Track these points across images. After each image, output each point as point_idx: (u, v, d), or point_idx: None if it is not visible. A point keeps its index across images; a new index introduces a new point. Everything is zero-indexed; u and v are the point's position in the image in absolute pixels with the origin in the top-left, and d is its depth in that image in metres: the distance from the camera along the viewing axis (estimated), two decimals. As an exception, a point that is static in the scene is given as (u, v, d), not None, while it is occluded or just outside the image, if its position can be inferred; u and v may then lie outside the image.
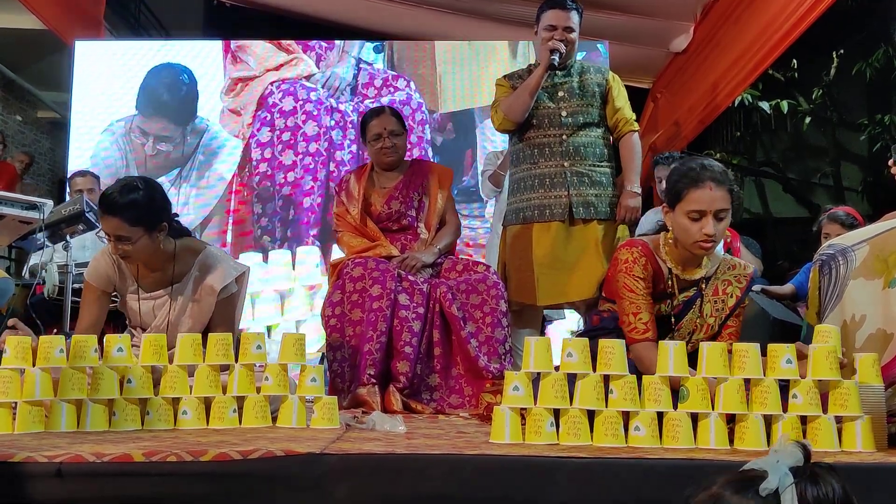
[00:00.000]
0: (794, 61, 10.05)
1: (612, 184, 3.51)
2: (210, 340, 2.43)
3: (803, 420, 2.10)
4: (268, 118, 6.41)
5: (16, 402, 2.26)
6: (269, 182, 6.27)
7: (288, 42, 6.65)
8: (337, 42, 6.71)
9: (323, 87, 6.56)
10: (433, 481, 1.79)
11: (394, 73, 6.66)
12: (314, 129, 6.39)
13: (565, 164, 3.44)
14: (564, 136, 3.46)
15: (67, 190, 5.50)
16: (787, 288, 4.18)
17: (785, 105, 9.90)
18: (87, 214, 3.76)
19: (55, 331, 3.32)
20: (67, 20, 6.58)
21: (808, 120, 10.52)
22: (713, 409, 2.11)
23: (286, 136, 6.37)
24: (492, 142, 6.53)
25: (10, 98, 10.36)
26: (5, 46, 9.35)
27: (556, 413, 2.13)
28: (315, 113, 6.39)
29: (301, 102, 6.41)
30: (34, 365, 2.27)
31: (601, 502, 1.77)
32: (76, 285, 3.64)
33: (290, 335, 2.46)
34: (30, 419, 2.24)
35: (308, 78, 6.50)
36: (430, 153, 6.50)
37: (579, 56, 3.88)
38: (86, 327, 2.78)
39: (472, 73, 6.67)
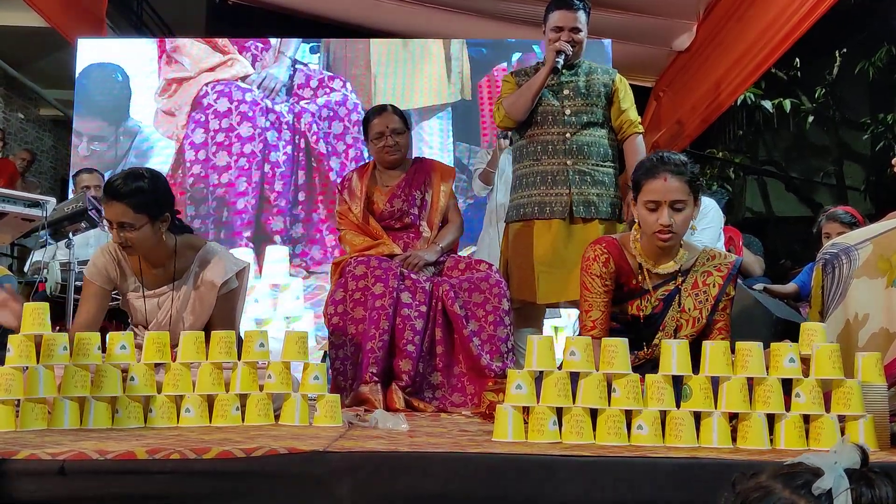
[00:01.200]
0: (797, 60, 10.04)
1: (614, 184, 3.51)
2: (213, 338, 2.43)
3: (806, 419, 2.10)
4: (202, 119, 6.38)
5: (19, 400, 2.26)
6: (202, 184, 6.24)
7: (223, 42, 6.61)
8: (273, 42, 6.68)
9: (258, 88, 6.54)
10: (436, 479, 1.79)
11: (329, 73, 6.65)
12: (249, 131, 6.36)
13: (568, 162, 3.44)
14: (568, 135, 3.46)
15: (71, 187, 5.50)
16: (790, 287, 4.19)
17: (787, 104, 9.89)
18: (90, 212, 3.76)
19: (58, 329, 3.32)
20: (70, 18, 6.58)
21: (810, 119, 10.51)
22: (716, 408, 2.11)
23: (220, 137, 6.34)
24: (427, 143, 6.54)
25: (13, 95, 10.37)
26: (8, 44, 9.36)
27: (559, 411, 2.13)
28: (250, 114, 6.36)
29: (236, 103, 6.38)
30: (38, 362, 2.28)
31: (604, 501, 1.77)
32: (79, 283, 3.64)
33: (293, 333, 2.46)
34: (33, 416, 2.25)
35: (243, 79, 6.47)
36: (365, 154, 6.46)
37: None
38: (82, 324, 2.75)
39: (407, 73, 6.66)
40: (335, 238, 5.98)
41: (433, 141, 6.55)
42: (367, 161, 3.78)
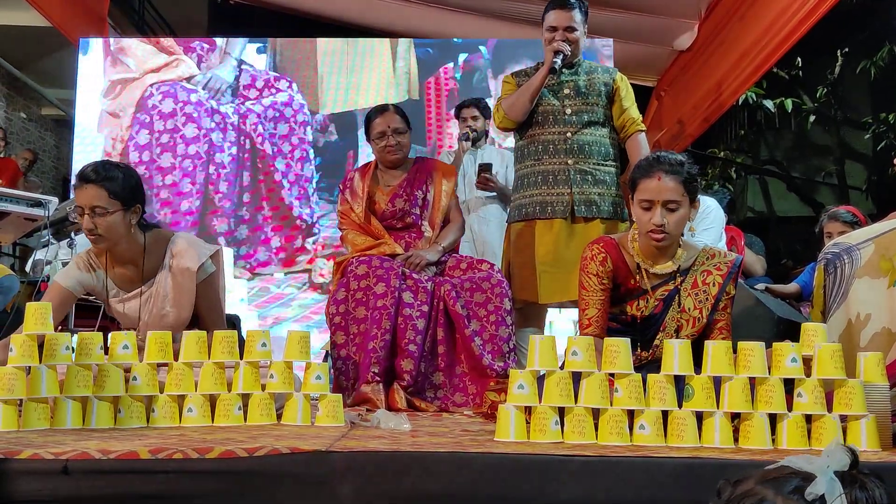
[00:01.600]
0: (799, 60, 10.04)
1: (615, 183, 3.51)
2: (215, 338, 2.44)
3: (808, 419, 2.10)
4: (146, 120, 6.37)
5: (21, 399, 2.26)
6: (146, 185, 6.23)
7: (169, 43, 6.62)
8: (218, 43, 6.68)
9: (204, 89, 6.53)
10: (438, 479, 1.79)
11: (276, 74, 6.65)
12: (193, 132, 6.36)
13: (569, 161, 3.44)
14: (569, 134, 3.46)
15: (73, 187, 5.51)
16: (792, 287, 4.19)
17: (789, 103, 9.89)
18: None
19: (60, 329, 3.33)
20: (72, 17, 6.60)
21: (812, 118, 10.50)
22: (718, 408, 2.11)
23: (165, 138, 6.33)
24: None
25: (15, 95, 10.38)
26: (10, 43, 9.37)
27: (561, 411, 2.14)
28: (195, 115, 6.35)
29: (181, 104, 6.37)
30: (40, 362, 2.28)
31: (606, 501, 1.77)
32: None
33: (296, 332, 2.46)
34: (35, 416, 2.25)
35: (189, 79, 6.46)
36: (311, 154, 6.48)
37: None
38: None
39: (354, 74, 6.66)
40: (280, 238, 6.00)
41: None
42: (369, 162, 3.78)
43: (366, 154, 6.45)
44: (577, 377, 2.16)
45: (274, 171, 6.37)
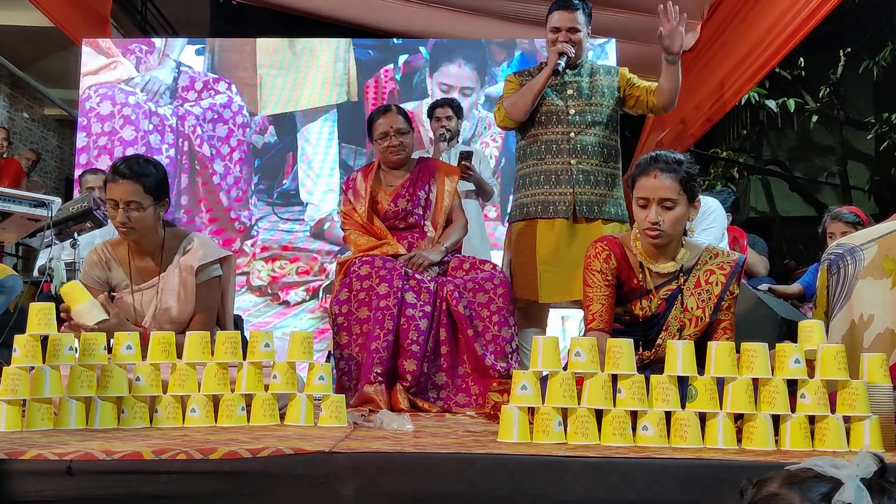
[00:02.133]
0: (802, 59, 10.03)
1: (617, 184, 3.50)
2: (218, 338, 2.44)
3: (811, 420, 2.10)
4: (84, 123, 6.35)
5: (25, 400, 2.26)
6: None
7: (107, 45, 6.58)
8: (157, 44, 6.67)
9: (142, 91, 6.50)
10: (441, 480, 1.79)
11: (214, 75, 6.62)
12: (132, 134, 6.32)
13: (572, 161, 3.44)
14: (572, 134, 3.46)
15: (77, 187, 5.52)
16: (795, 288, 4.18)
17: (792, 103, 9.88)
18: (95, 212, 3.77)
19: (62, 329, 3.33)
20: (75, 18, 6.60)
21: (814, 118, 10.50)
22: (721, 409, 2.11)
23: (103, 140, 6.30)
24: (313, 145, 6.52)
25: (18, 95, 10.39)
26: (13, 43, 9.37)
27: (564, 412, 2.14)
28: (133, 117, 6.32)
29: (119, 106, 6.33)
30: (43, 362, 2.28)
31: (609, 501, 1.77)
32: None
33: (298, 333, 2.46)
34: (39, 416, 2.25)
35: (127, 81, 6.43)
36: (250, 156, 6.45)
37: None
38: None
39: (293, 75, 6.63)
40: (219, 241, 6.00)
41: (319, 143, 6.53)
42: (372, 162, 3.78)
43: (307, 156, 6.45)
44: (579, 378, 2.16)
45: (212, 174, 6.33)
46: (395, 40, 6.86)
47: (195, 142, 6.42)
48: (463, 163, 4.19)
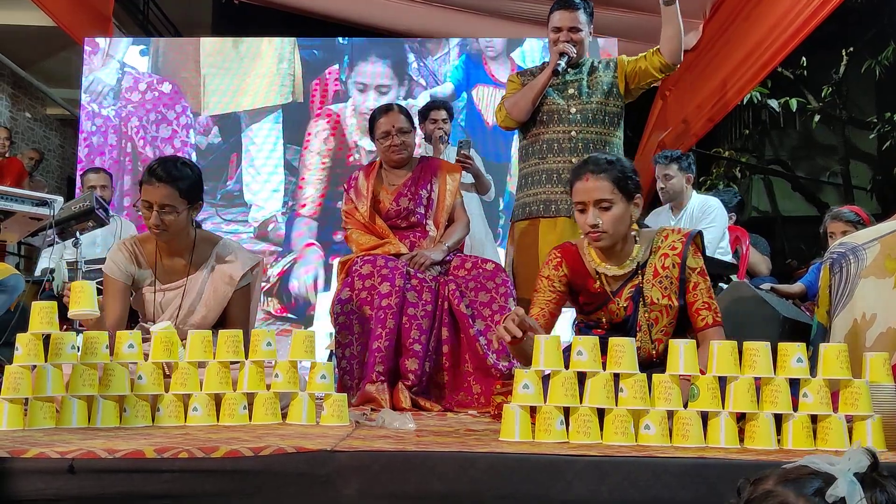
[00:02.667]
0: (804, 59, 10.02)
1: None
2: (220, 337, 2.44)
3: (814, 419, 2.10)
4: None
5: (27, 398, 2.27)
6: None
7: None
8: (101, 45, 6.64)
9: (85, 93, 6.50)
10: (443, 479, 1.79)
11: (158, 76, 6.61)
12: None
13: (574, 160, 3.43)
14: (573, 133, 3.46)
15: (79, 186, 5.52)
16: (797, 287, 4.18)
17: (794, 103, 9.86)
18: (97, 211, 3.77)
19: (66, 328, 3.33)
20: (77, 17, 6.61)
21: (817, 118, 10.48)
22: (723, 408, 2.10)
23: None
24: (257, 146, 6.50)
25: (20, 95, 10.40)
26: (15, 43, 9.38)
27: (566, 411, 2.13)
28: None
29: None
30: (45, 361, 2.28)
31: (611, 501, 1.77)
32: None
33: (301, 332, 2.46)
34: (41, 415, 2.25)
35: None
36: (194, 157, 6.43)
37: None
38: (114, 323, 2.79)
39: (237, 75, 6.62)
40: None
41: (264, 143, 6.52)
42: (373, 161, 3.78)
43: (251, 156, 6.44)
44: (581, 377, 2.16)
45: (156, 175, 6.35)
46: (340, 40, 6.81)
47: (138, 143, 6.42)
48: (462, 152, 4.21)
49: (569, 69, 3.49)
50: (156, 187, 2.75)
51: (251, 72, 6.62)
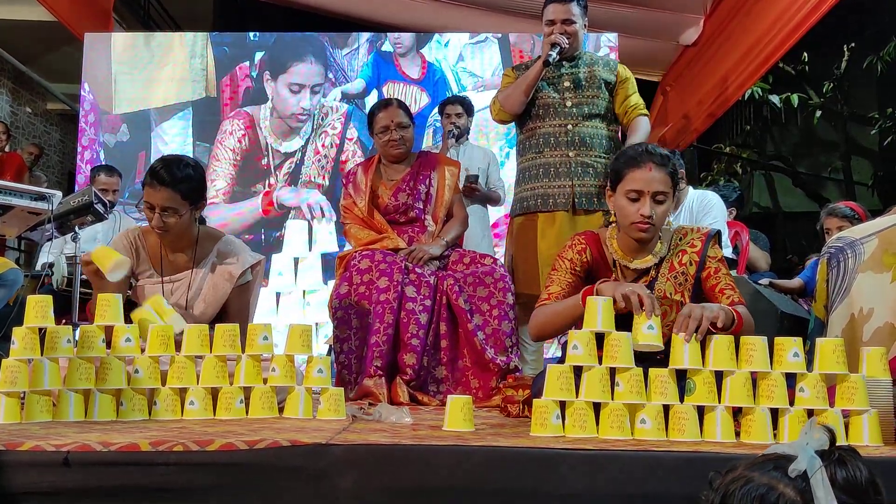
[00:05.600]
0: (805, 55, 10.02)
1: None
2: (217, 331, 2.44)
3: (810, 413, 2.09)
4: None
5: (24, 392, 2.27)
6: None
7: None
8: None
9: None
10: (439, 472, 1.79)
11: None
12: None
13: (570, 153, 3.44)
14: (569, 127, 3.46)
15: (80, 181, 5.52)
16: (795, 282, 4.19)
17: (795, 99, 9.87)
18: (95, 206, 3.76)
19: (64, 322, 3.33)
20: (78, 13, 6.61)
21: (818, 114, 10.48)
22: (719, 403, 2.10)
23: None
24: (166, 143, 6.47)
25: (21, 90, 10.40)
26: (16, 38, 9.38)
27: (563, 405, 2.13)
28: None
29: None
30: (42, 354, 2.28)
31: (606, 495, 1.76)
32: (85, 276, 3.65)
33: (296, 326, 2.46)
34: (38, 408, 2.25)
35: None
36: (102, 156, 6.39)
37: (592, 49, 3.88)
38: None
39: (148, 73, 6.57)
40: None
41: (173, 141, 6.48)
42: (372, 156, 3.78)
43: (160, 154, 6.45)
44: (577, 371, 2.16)
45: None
46: (250, 36, 6.75)
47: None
48: (469, 184, 4.25)
49: (563, 61, 3.49)
50: (158, 190, 2.75)
51: (161, 70, 6.56)
